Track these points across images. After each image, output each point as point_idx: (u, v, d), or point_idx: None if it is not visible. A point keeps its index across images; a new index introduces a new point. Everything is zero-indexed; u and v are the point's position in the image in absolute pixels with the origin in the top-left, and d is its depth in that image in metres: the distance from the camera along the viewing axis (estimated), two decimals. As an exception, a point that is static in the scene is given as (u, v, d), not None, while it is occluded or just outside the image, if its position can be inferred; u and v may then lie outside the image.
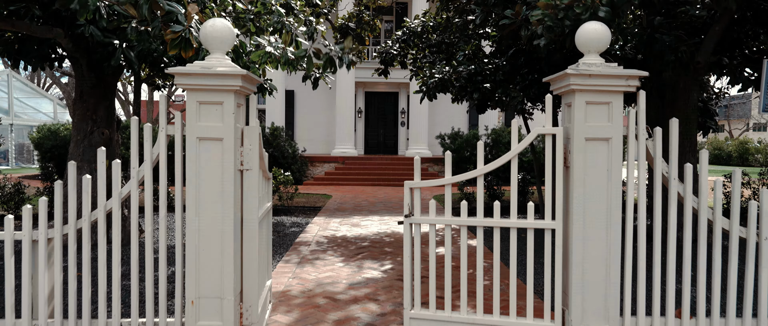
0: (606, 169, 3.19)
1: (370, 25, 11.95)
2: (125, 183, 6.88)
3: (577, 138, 3.18)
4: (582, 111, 3.17)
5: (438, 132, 20.92)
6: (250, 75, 3.17)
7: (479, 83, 7.56)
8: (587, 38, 3.17)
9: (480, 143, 3.37)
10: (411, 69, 11.44)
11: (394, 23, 22.27)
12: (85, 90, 6.70)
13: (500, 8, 5.55)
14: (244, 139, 3.29)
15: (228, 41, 3.18)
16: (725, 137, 34.95)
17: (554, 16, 3.64)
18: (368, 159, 19.83)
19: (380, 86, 22.13)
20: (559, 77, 3.27)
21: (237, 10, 6.38)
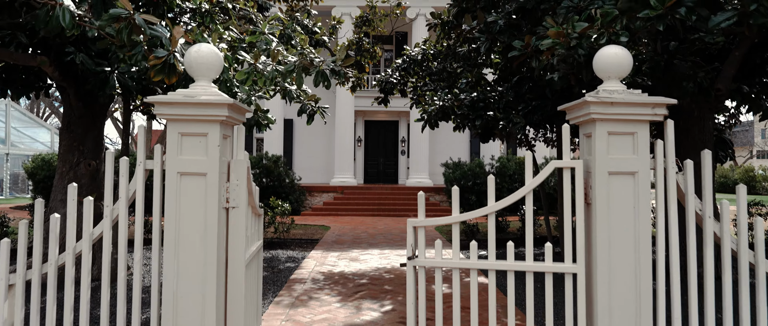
0: (632, 206, 2.87)
1: (370, 52, 11.77)
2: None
3: (599, 172, 2.87)
4: (604, 142, 2.87)
5: (439, 161, 20.65)
6: (237, 104, 2.88)
7: (482, 110, 7.30)
8: (607, 63, 2.89)
9: (491, 178, 3.06)
10: (411, 97, 11.22)
11: (394, 52, 22.22)
12: (73, 120, 6.42)
13: (506, 36, 5.31)
14: (230, 174, 2.98)
15: (214, 68, 2.90)
16: (730, 165, 34.73)
17: (567, 45, 3.37)
18: (368, 188, 19.50)
19: (380, 115, 21.94)
20: (577, 105, 2.97)
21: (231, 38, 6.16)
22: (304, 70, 4.83)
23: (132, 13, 3.50)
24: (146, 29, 3.58)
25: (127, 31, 3.50)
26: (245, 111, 3.13)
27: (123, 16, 3.48)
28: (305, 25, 10.43)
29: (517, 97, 7.42)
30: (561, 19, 4.54)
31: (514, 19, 5.34)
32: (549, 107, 6.46)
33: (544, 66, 4.07)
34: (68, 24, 3.31)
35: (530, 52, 4.26)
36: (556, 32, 3.41)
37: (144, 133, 2.95)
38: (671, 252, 2.87)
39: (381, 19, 12.82)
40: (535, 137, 11.04)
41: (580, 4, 4.64)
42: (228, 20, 7.15)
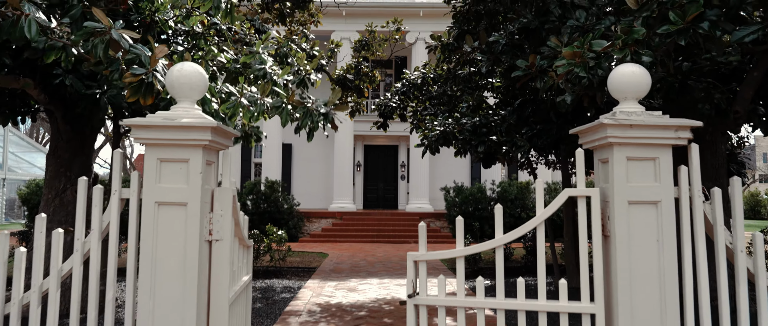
0: (655, 239, 2.60)
1: (369, 76, 11.61)
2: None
3: (618, 201, 2.61)
4: (622, 168, 2.62)
5: (439, 186, 20.37)
6: (222, 127, 2.64)
7: (484, 135, 7.07)
8: (624, 82, 2.66)
9: (498, 208, 2.80)
10: (411, 122, 11.01)
11: (394, 76, 22.15)
12: (60, 144, 6.18)
13: (508, 56, 5.11)
14: (214, 203, 2.73)
15: (198, 88, 2.67)
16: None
17: (584, 66, 3.14)
18: (367, 214, 19.18)
19: (379, 139, 21.74)
20: (592, 128, 2.74)
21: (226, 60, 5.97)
22: (293, 108, 4.62)
23: (109, 28, 3.29)
24: (125, 44, 3.37)
25: (102, 46, 3.29)
26: (231, 135, 2.89)
27: (98, 31, 3.27)
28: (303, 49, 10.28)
29: (519, 120, 7.20)
30: (566, 39, 4.34)
31: (517, 40, 5.15)
32: (554, 131, 6.23)
33: (550, 87, 3.85)
34: (34, 35, 3.10)
35: (535, 72, 4.04)
36: (571, 53, 3.18)
37: (120, 158, 2.70)
38: (700, 291, 2.59)
39: (380, 43, 12.71)
40: (538, 160, 10.80)
41: (586, 24, 4.45)
42: (224, 42, 6.98)
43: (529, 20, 5.05)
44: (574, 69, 3.18)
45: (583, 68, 3.16)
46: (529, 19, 5.06)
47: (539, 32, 5.06)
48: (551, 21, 4.86)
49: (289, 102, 4.51)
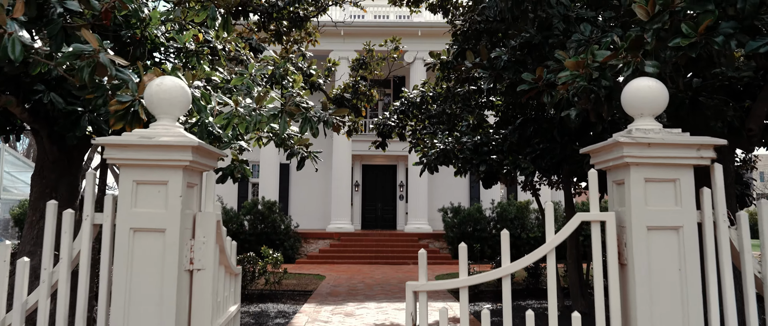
0: (677, 269, 2.38)
1: (367, 95, 11.46)
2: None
3: (635, 226, 2.40)
4: (640, 191, 2.41)
5: (438, 206, 20.13)
6: (204, 146, 2.43)
7: (486, 154, 6.87)
8: (639, 97, 2.46)
9: (505, 234, 2.58)
10: (410, 141, 10.83)
11: (392, 96, 22.05)
12: (46, 165, 5.95)
13: (511, 72, 4.94)
14: (196, 229, 2.50)
15: (179, 105, 2.47)
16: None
17: (588, 77, 2.96)
18: (365, 234, 18.89)
19: (378, 159, 21.55)
20: (605, 148, 2.53)
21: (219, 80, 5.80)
22: (290, 115, 4.41)
23: (97, 50, 3.09)
24: (112, 70, 3.17)
25: (88, 70, 3.09)
26: (217, 155, 2.68)
27: (86, 53, 3.07)
28: (299, 68, 10.14)
29: (521, 139, 7.01)
30: (572, 53, 4.17)
31: (520, 55, 4.98)
32: (558, 150, 6.04)
33: (558, 101, 3.65)
34: (18, 56, 2.89)
35: (542, 85, 3.86)
36: (575, 63, 3.00)
37: (93, 179, 2.49)
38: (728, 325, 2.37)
39: (378, 62, 12.59)
40: (540, 180, 10.60)
41: (592, 37, 4.28)
42: (217, 60, 6.81)
43: (531, 35, 4.89)
44: (576, 80, 2.99)
45: (585, 79, 2.96)
46: (531, 34, 4.90)
47: (543, 47, 4.90)
48: (555, 35, 4.70)
49: (286, 109, 4.30)
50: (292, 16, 11.45)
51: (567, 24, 4.73)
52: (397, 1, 11.89)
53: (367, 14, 21.30)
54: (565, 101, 3.68)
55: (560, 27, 4.71)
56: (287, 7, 11.13)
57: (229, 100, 4.40)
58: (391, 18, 21.24)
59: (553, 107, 3.75)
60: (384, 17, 21.29)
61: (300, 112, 4.28)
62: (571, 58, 3.06)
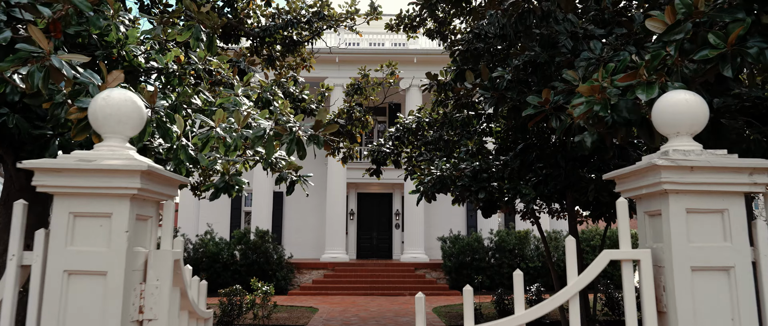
0: (729, 318, 1.97)
1: (362, 121, 11.10)
2: None
3: (677, 267, 1.99)
4: (681, 224, 2.01)
5: (435, 234, 19.64)
6: (157, 171, 2.02)
7: (485, 181, 6.48)
8: (677, 113, 2.08)
9: (518, 275, 2.16)
10: (405, 168, 10.45)
11: (387, 123, 21.76)
12: (12, 193, 5.51)
13: (514, 93, 4.58)
14: (148, 271, 2.08)
15: (130, 122, 2.07)
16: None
17: (605, 103, 2.57)
18: (360, 265, 18.33)
19: (373, 187, 21.12)
20: (636, 173, 2.14)
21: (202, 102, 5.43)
22: (277, 136, 4.01)
23: (48, 53, 2.71)
24: (69, 72, 2.78)
25: (40, 75, 2.70)
26: (177, 182, 2.27)
27: (34, 56, 2.69)
28: (290, 93, 9.80)
29: (522, 166, 6.63)
30: (582, 73, 3.81)
31: (523, 75, 4.63)
32: (563, 177, 5.65)
33: (569, 126, 3.28)
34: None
35: (549, 109, 3.48)
36: (589, 88, 2.61)
37: (22, 210, 2.07)
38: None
39: (373, 87, 12.29)
40: (539, 208, 10.19)
41: (603, 56, 3.93)
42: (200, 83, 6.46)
43: (536, 53, 4.55)
44: (594, 107, 2.61)
45: (603, 106, 2.58)
46: (536, 53, 4.55)
47: (548, 66, 4.55)
48: (562, 53, 4.36)
49: (274, 129, 3.91)
50: (285, 41, 11.19)
51: (575, 41, 4.39)
52: (394, 27, 11.67)
53: (362, 41, 21.17)
54: (577, 126, 3.30)
55: (568, 45, 4.37)
56: (280, 31, 10.86)
57: (208, 120, 4.01)
58: (387, 45, 21.10)
59: (563, 133, 3.37)
60: (379, 44, 21.16)
61: (287, 134, 3.88)
62: (586, 83, 2.67)
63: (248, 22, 10.74)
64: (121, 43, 5.15)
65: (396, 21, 11.43)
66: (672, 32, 2.49)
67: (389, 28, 11.51)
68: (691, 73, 2.69)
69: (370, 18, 12.15)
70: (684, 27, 2.66)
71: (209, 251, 16.61)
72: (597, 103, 2.58)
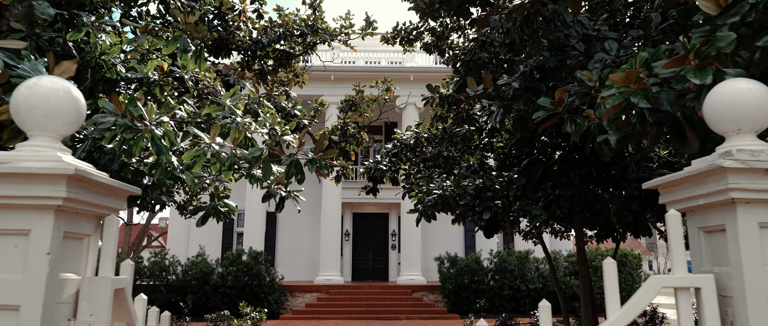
0: (821, 364, 1.54)
1: (356, 137, 10.70)
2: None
3: (751, 297, 1.57)
4: (754, 242, 1.59)
5: (432, 256, 19.11)
6: (91, 176, 1.60)
7: (490, 200, 6.05)
8: (739, 105, 1.68)
9: (545, 306, 1.74)
10: (403, 186, 10.03)
11: (383, 142, 21.39)
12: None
13: (521, 101, 4.19)
14: (79, 303, 1.64)
15: (63, 116, 1.65)
16: None
17: (647, 93, 2.17)
18: (355, 287, 17.76)
19: (369, 207, 20.65)
20: (691, 179, 1.73)
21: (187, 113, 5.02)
22: (274, 157, 3.61)
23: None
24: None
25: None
26: (123, 192, 1.84)
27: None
28: (282, 107, 9.41)
29: (529, 183, 6.21)
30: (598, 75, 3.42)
31: (531, 82, 4.25)
32: (578, 196, 5.23)
33: (587, 129, 2.88)
34: None
35: (563, 112, 3.09)
36: (624, 77, 2.21)
37: None
38: None
39: (368, 103, 11.93)
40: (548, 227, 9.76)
41: (620, 57, 3.55)
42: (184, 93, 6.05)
43: (544, 58, 4.17)
44: (631, 98, 2.20)
45: (643, 96, 2.17)
46: (545, 57, 4.17)
47: (558, 72, 4.17)
48: (574, 56, 3.98)
49: (271, 150, 3.50)
50: (277, 55, 10.85)
51: (587, 43, 4.02)
52: (390, 40, 11.36)
53: (358, 59, 20.93)
54: (597, 129, 2.89)
55: (579, 47, 3.99)
56: (272, 45, 10.52)
57: (203, 135, 3.59)
58: (383, 63, 20.84)
59: (580, 137, 2.96)
60: (376, 62, 20.91)
61: (286, 157, 3.48)
62: (619, 70, 2.28)
63: (239, 35, 10.41)
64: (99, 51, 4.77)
65: (392, 34, 11.12)
66: (727, 14, 2.10)
67: (385, 40, 11.19)
68: (745, 62, 2.30)
69: (365, 33, 11.84)
70: (739, 8, 2.27)
71: (199, 273, 16.04)
72: (633, 93, 2.17)
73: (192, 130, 3.44)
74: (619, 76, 2.29)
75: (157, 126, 2.94)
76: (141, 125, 2.82)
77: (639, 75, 2.32)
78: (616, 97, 2.26)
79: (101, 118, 2.92)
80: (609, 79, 2.25)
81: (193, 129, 3.48)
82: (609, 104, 2.23)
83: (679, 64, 2.21)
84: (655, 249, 51.01)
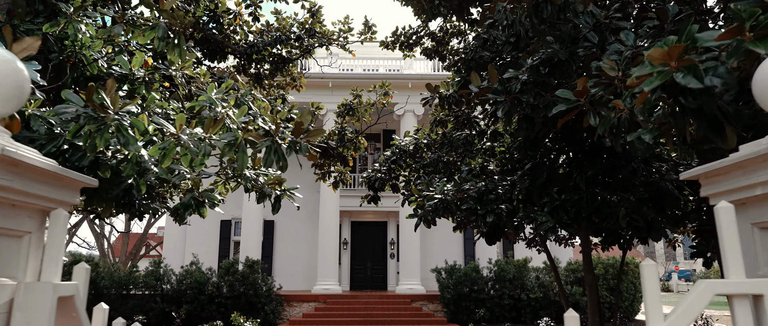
0: None
1: (354, 142, 10.43)
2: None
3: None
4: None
5: (431, 264, 18.79)
6: (29, 160, 1.33)
7: (493, 203, 5.78)
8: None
9: (573, 316, 1.46)
10: (403, 193, 9.75)
11: (382, 150, 21.13)
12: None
13: (531, 96, 3.93)
14: (12, 314, 1.36)
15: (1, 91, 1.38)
16: None
17: (694, 70, 1.90)
18: (353, 297, 17.42)
19: (367, 215, 20.35)
20: (744, 165, 1.47)
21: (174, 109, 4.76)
22: (250, 143, 3.31)
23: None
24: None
25: None
26: (76, 184, 1.57)
27: None
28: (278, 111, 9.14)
29: (533, 187, 5.95)
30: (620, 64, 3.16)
31: (538, 77, 3.99)
32: (586, 201, 4.95)
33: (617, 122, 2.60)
34: None
35: (585, 103, 2.82)
36: (664, 52, 1.93)
37: None
38: None
39: (367, 108, 11.66)
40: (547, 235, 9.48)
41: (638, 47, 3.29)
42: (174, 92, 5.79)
43: (554, 50, 3.91)
44: (675, 77, 1.93)
45: (692, 74, 1.90)
46: (554, 50, 3.92)
47: (569, 65, 3.91)
48: (586, 46, 3.72)
49: (245, 136, 3.21)
50: (274, 59, 10.60)
51: (599, 33, 3.77)
52: (390, 45, 11.14)
53: (356, 67, 20.73)
54: (626, 120, 2.62)
55: (592, 38, 3.74)
56: (268, 48, 10.28)
57: (169, 126, 3.31)
58: (381, 70, 20.65)
59: (607, 131, 2.69)
60: (373, 70, 20.72)
61: (263, 140, 3.18)
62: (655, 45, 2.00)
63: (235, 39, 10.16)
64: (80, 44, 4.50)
65: (392, 39, 10.89)
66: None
67: (385, 46, 10.96)
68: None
69: (364, 37, 11.61)
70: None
71: (194, 282, 15.70)
72: (678, 70, 1.90)
73: (157, 119, 3.16)
74: (658, 52, 2.01)
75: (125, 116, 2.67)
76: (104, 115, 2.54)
77: (686, 48, 2.03)
78: (654, 77, 1.98)
79: (63, 107, 2.65)
80: (647, 56, 1.98)
81: (159, 119, 3.19)
82: (647, 86, 1.95)
83: (733, 35, 1.93)
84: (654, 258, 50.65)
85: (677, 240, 8.71)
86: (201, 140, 3.33)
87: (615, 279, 16.24)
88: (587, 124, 2.81)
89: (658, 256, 50.30)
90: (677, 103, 2.28)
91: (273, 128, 3.13)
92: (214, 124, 3.41)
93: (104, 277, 15.81)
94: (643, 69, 2.10)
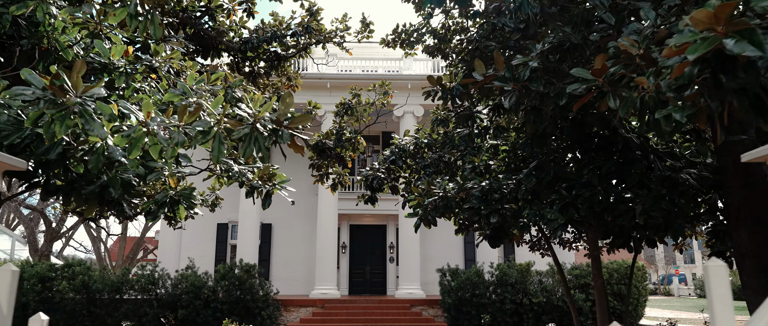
0: None
1: (352, 142, 10.11)
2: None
3: None
4: None
5: (431, 268, 18.45)
6: None
7: (497, 203, 5.46)
8: None
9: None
10: (403, 194, 9.43)
11: (380, 152, 20.81)
12: None
13: (541, 83, 3.61)
14: None
15: None
16: None
17: (751, 35, 1.58)
18: (352, 301, 17.07)
19: (366, 218, 20.02)
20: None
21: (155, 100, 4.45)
22: (227, 131, 2.99)
23: None
24: None
25: None
26: None
27: None
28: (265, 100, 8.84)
29: (540, 185, 5.63)
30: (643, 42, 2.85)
31: (551, 62, 3.68)
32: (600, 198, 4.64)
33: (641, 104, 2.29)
34: None
35: (604, 83, 2.51)
36: (711, 15, 1.61)
37: None
38: None
39: (366, 107, 11.35)
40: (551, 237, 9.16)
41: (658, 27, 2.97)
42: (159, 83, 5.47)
43: (566, 34, 3.60)
44: (725, 43, 1.61)
45: (747, 40, 1.58)
46: (566, 33, 3.60)
47: (582, 50, 3.59)
48: (601, 28, 3.41)
49: (222, 124, 2.88)
50: (268, 56, 10.29)
51: (616, 13, 3.45)
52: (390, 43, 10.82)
53: (355, 68, 20.45)
54: (652, 100, 2.31)
55: (609, 19, 3.43)
56: (263, 45, 9.97)
57: (137, 112, 2.99)
58: (380, 71, 20.36)
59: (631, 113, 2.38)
60: (372, 71, 20.43)
61: (241, 128, 2.86)
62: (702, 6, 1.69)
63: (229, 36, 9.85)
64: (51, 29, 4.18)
65: (393, 36, 10.57)
66: None
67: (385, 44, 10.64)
68: None
69: (361, 36, 11.31)
70: None
71: (190, 287, 15.36)
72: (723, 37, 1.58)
73: (124, 104, 2.83)
74: (703, 14, 1.69)
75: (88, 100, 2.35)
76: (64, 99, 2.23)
77: (738, 7, 1.70)
78: (698, 44, 1.66)
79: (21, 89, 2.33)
80: (690, 19, 1.66)
81: (126, 103, 2.86)
82: (691, 54, 1.63)
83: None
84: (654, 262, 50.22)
85: (685, 242, 8.38)
86: (173, 128, 3.00)
87: (620, 283, 15.90)
88: (606, 107, 2.50)
89: (658, 260, 49.90)
90: (715, 79, 1.97)
91: (254, 114, 2.80)
92: (191, 114, 3.07)
93: (96, 280, 15.46)
94: (682, 37, 1.79)
